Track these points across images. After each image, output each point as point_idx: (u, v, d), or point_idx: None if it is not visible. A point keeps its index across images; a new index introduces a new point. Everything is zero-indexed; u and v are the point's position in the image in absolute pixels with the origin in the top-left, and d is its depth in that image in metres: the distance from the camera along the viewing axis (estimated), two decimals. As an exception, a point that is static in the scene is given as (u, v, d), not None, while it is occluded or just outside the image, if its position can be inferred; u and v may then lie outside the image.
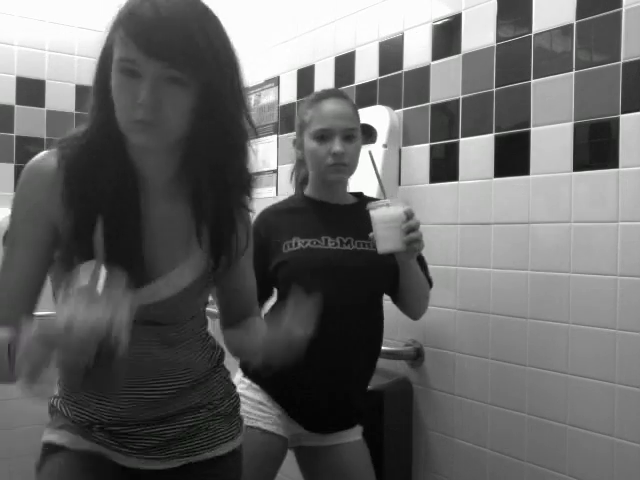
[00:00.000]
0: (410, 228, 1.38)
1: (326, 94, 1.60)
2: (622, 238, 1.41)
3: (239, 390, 1.63)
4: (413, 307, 1.62)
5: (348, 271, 1.52)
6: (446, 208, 1.80)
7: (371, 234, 1.41)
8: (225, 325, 1.22)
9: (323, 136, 1.53)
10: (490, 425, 1.69)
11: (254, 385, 1.60)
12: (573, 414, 1.50)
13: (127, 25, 0.87)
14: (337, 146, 1.51)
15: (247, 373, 1.63)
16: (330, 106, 1.55)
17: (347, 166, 1.55)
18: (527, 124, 1.60)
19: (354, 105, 1.63)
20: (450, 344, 1.79)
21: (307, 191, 1.64)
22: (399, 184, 1.95)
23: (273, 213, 1.62)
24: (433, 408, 1.84)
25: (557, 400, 1.54)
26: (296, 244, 1.53)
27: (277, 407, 1.59)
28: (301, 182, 1.69)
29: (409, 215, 1.39)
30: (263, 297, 1.57)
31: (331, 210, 1.59)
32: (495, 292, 1.68)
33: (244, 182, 1.02)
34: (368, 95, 2.06)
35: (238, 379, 1.62)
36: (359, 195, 1.67)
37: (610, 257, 1.43)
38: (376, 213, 1.40)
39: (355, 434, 1.62)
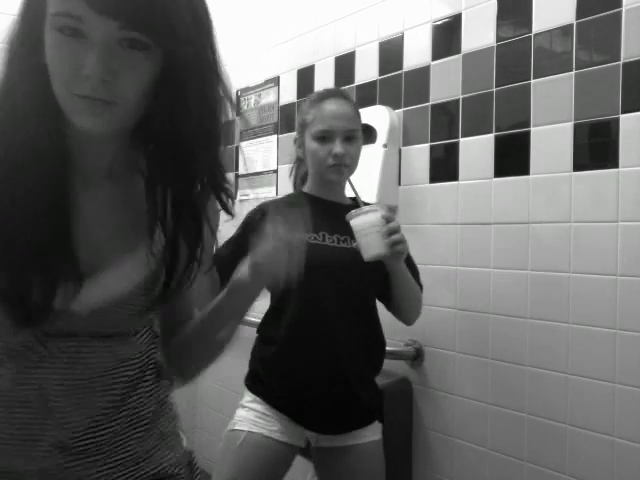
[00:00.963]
0: (390, 231, 1.39)
1: (328, 94, 1.60)
2: (622, 238, 1.41)
3: (244, 403, 1.64)
4: (406, 312, 1.63)
5: (345, 269, 1.52)
6: (446, 208, 1.80)
7: (355, 244, 1.42)
8: (165, 344, 0.94)
9: (324, 137, 1.53)
10: (490, 425, 1.69)
11: (257, 398, 1.62)
12: (573, 414, 1.50)
13: None
14: (338, 147, 1.52)
15: (250, 388, 1.65)
16: (331, 107, 1.55)
17: (348, 167, 1.56)
18: (527, 124, 1.60)
19: (355, 105, 1.62)
20: (450, 344, 1.79)
21: (306, 188, 1.64)
22: (399, 184, 1.95)
23: (272, 205, 1.61)
24: (433, 408, 1.84)
25: (557, 400, 1.54)
26: None
27: (280, 416, 1.59)
28: (300, 180, 1.70)
29: (388, 219, 1.40)
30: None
31: (329, 207, 1.59)
32: (495, 292, 1.68)
33: (215, 180, 0.81)
34: (368, 95, 2.06)
35: (245, 399, 1.65)
36: (355, 199, 1.67)
37: (610, 257, 1.43)
38: (355, 222, 1.41)
39: (372, 434, 1.59)
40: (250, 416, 1.61)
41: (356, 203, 1.64)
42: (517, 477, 1.62)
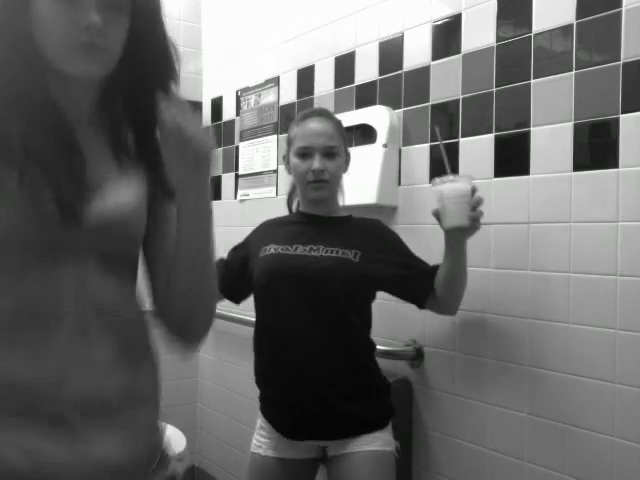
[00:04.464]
0: (477, 203, 1.42)
1: (310, 113, 1.69)
2: (622, 238, 1.41)
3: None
4: (454, 298, 1.59)
5: (312, 276, 1.57)
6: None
7: (434, 209, 1.44)
8: (158, 302, 0.98)
9: (305, 153, 1.62)
10: (490, 425, 1.69)
11: (260, 413, 1.69)
12: (573, 414, 1.50)
13: None
14: (316, 163, 1.59)
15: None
16: (312, 125, 1.64)
17: (328, 182, 1.62)
18: (527, 124, 1.60)
19: (338, 124, 1.68)
20: (450, 344, 1.79)
21: (301, 207, 1.74)
22: (399, 184, 1.95)
23: (269, 224, 1.78)
24: (433, 408, 1.84)
25: (557, 400, 1.54)
26: (270, 250, 1.64)
27: (274, 429, 1.63)
28: (297, 204, 1.78)
29: (474, 191, 1.42)
30: (240, 296, 1.78)
31: (314, 221, 1.67)
32: (495, 292, 1.68)
33: None
34: (368, 95, 2.06)
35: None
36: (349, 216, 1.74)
37: (610, 257, 1.43)
38: (445, 187, 1.43)
39: (379, 444, 1.57)
40: (256, 435, 1.69)
41: (349, 217, 1.68)
42: (517, 477, 1.62)
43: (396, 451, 1.62)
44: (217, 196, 2.94)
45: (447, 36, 1.81)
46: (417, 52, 1.90)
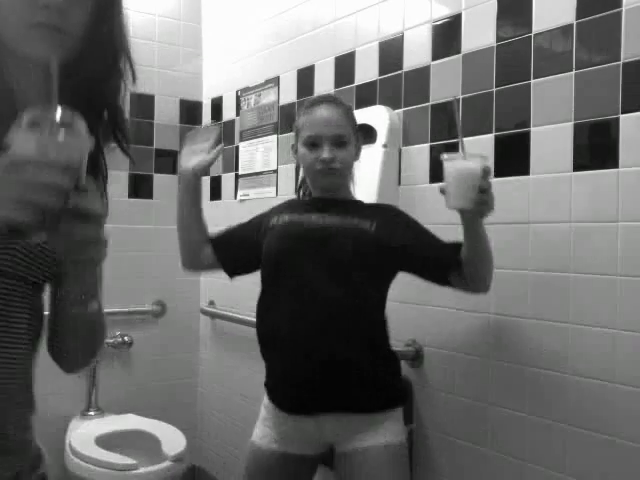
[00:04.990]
0: (484, 187, 1.31)
1: (319, 100, 1.63)
2: (622, 238, 1.41)
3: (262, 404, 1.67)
4: (480, 275, 1.51)
5: (320, 236, 1.55)
6: (446, 208, 1.80)
7: (442, 185, 1.34)
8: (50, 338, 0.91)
9: (313, 143, 1.56)
10: (490, 425, 1.69)
11: (266, 399, 1.65)
12: (573, 414, 1.50)
13: None
14: (325, 153, 1.54)
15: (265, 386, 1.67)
16: (320, 113, 1.58)
17: (338, 170, 1.57)
18: (527, 124, 1.60)
19: (348, 111, 1.62)
20: (450, 344, 1.79)
21: (313, 192, 1.70)
22: (399, 184, 1.95)
23: (287, 202, 1.76)
24: (433, 408, 1.84)
25: (557, 400, 1.54)
26: (284, 217, 1.63)
27: (280, 419, 1.59)
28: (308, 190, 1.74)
29: (486, 172, 1.31)
30: (239, 268, 1.75)
31: (328, 200, 1.64)
32: (495, 292, 1.68)
33: (117, 124, 0.88)
34: (368, 95, 2.06)
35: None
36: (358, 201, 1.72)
37: (610, 257, 1.43)
38: (453, 165, 1.30)
39: (381, 436, 1.53)
40: (260, 424, 1.65)
41: (361, 203, 1.67)
42: (517, 477, 1.62)
43: (407, 437, 1.57)
44: (217, 196, 2.94)
45: (447, 36, 1.81)
46: (417, 52, 1.90)
